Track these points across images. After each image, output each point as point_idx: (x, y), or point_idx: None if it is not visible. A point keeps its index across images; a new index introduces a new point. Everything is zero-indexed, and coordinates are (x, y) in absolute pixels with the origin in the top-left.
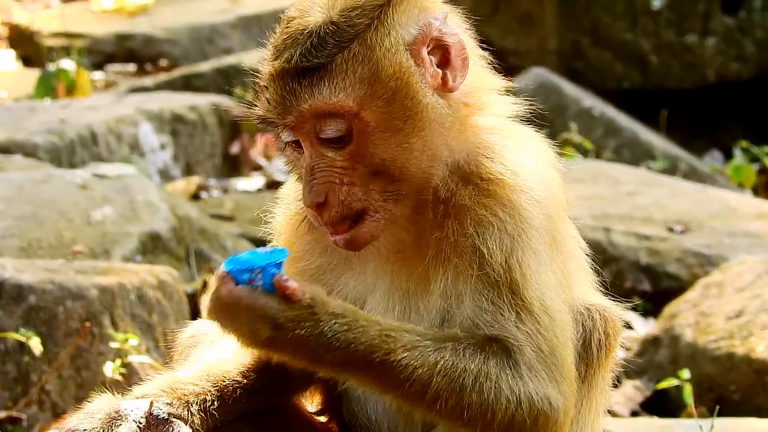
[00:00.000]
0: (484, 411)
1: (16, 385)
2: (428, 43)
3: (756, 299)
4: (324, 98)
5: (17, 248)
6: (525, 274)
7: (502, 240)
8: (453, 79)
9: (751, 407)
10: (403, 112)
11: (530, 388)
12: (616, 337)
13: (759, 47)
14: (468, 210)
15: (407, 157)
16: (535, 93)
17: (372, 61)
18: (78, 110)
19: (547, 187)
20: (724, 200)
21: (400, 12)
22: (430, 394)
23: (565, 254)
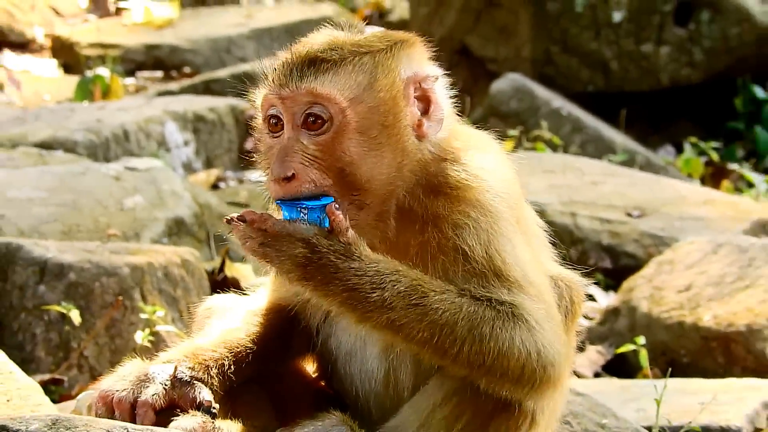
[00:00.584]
0: (501, 359)
1: (58, 351)
2: (415, 89)
3: (703, 275)
4: (323, 85)
5: (59, 232)
6: (504, 259)
7: (479, 236)
8: (427, 128)
9: (699, 369)
10: (381, 124)
11: (539, 340)
12: (580, 303)
13: (707, 55)
14: (444, 217)
15: (372, 166)
16: (511, 95)
17: (372, 73)
18: (112, 111)
19: (505, 182)
20: (676, 189)
21: (407, 54)
22: (453, 339)
23: (528, 234)
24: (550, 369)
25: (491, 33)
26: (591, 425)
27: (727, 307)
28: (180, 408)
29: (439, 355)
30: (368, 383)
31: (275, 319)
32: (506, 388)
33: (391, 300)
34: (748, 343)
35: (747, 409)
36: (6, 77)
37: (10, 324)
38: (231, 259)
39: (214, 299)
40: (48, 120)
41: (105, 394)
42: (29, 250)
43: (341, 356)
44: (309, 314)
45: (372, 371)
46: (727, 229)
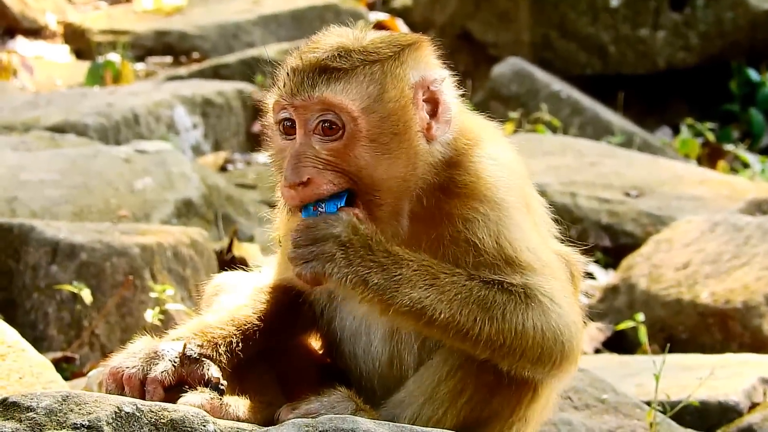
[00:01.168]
0: (518, 339)
1: (70, 330)
2: (424, 92)
3: (700, 253)
4: (335, 94)
5: (71, 213)
6: (515, 247)
7: (488, 228)
8: (436, 129)
9: (697, 345)
10: (392, 132)
11: (554, 318)
12: (579, 279)
13: (702, 39)
14: (456, 214)
15: (385, 170)
16: (512, 79)
17: (383, 84)
18: (123, 96)
19: (512, 171)
20: (673, 169)
21: (414, 58)
22: (474, 319)
23: (535, 216)
24: (568, 345)
25: (492, 18)
26: (591, 400)
27: (724, 284)
28: (188, 385)
29: (460, 337)
30: (372, 364)
31: (282, 297)
32: (527, 368)
33: (410, 277)
34: (744, 319)
35: (744, 384)
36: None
37: (23, 303)
38: (239, 239)
39: (221, 277)
40: (60, 104)
41: (115, 371)
42: (41, 231)
43: (346, 338)
44: (314, 296)
45: (376, 353)
46: (723, 208)
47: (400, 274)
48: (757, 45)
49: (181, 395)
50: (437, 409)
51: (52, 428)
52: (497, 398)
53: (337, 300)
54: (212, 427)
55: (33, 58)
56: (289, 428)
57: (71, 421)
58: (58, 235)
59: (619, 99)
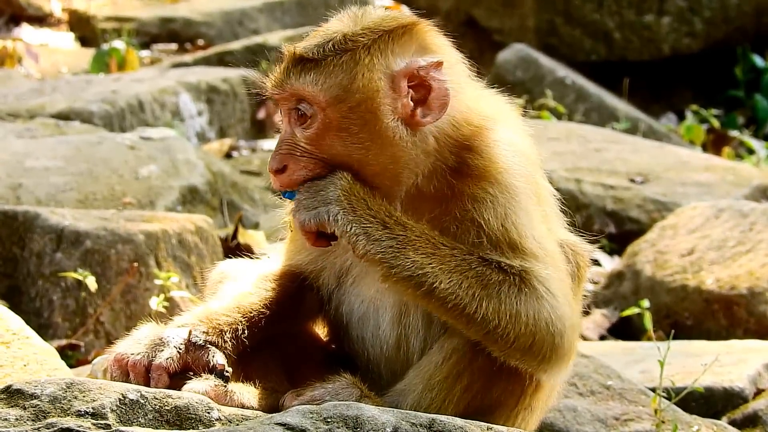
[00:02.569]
0: (511, 322)
1: (75, 317)
2: (411, 78)
3: (705, 239)
4: (304, 85)
5: (75, 200)
6: (520, 231)
7: (496, 210)
8: (423, 116)
9: (702, 331)
10: (362, 122)
11: (548, 309)
12: (585, 268)
13: (707, 25)
14: (467, 194)
15: (360, 158)
16: (517, 65)
17: (351, 72)
18: (127, 83)
19: (524, 157)
20: (678, 155)
21: (397, 43)
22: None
23: (544, 204)
24: (558, 339)
25: (496, 5)
26: (596, 386)
27: (729, 270)
28: (193, 371)
29: (458, 312)
30: (380, 348)
31: (287, 284)
32: (517, 357)
33: (413, 240)
34: (749, 305)
35: (749, 370)
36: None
37: (27, 290)
38: (244, 226)
39: (226, 264)
40: (65, 91)
41: (120, 358)
42: (46, 218)
43: (354, 322)
44: (322, 281)
45: (384, 336)
46: (728, 194)
47: (405, 235)
48: (762, 31)
49: (185, 382)
50: (436, 397)
51: (56, 415)
52: (498, 387)
53: (345, 284)
54: (216, 414)
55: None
56: (294, 415)
57: (75, 408)
58: (62, 223)
59: (624, 85)
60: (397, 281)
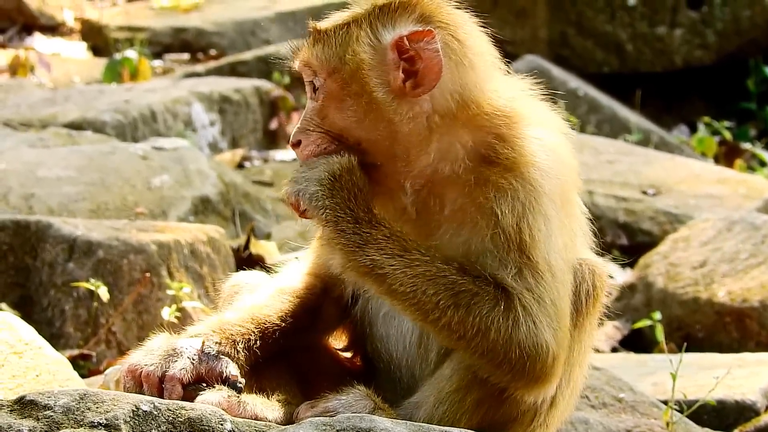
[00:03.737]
0: (480, 336)
1: (87, 327)
2: (400, 49)
3: (717, 252)
4: (311, 56)
5: (88, 210)
6: (534, 236)
7: (514, 206)
8: (412, 87)
9: (714, 344)
10: (355, 93)
11: (523, 331)
12: (603, 288)
13: (719, 37)
14: (491, 182)
15: (360, 132)
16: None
17: (344, 45)
18: (140, 92)
19: (558, 159)
20: (690, 167)
21: (390, 16)
22: (437, 302)
23: (572, 218)
24: (531, 364)
25: (509, 15)
26: (608, 399)
27: (741, 283)
28: (207, 382)
29: (422, 316)
30: (402, 345)
31: (304, 296)
32: (489, 370)
33: (378, 240)
34: (761, 318)
35: (761, 383)
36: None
37: (39, 300)
38: (256, 236)
39: (239, 276)
40: (77, 101)
41: (133, 368)
42: (59, 228)
43: (379, 319)
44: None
45: (407, 333)
46: (740, 206)
47: (369, 233)
48: None
49: (199, 393)
50: (448, 410)
51: (70, 426)
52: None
53: None
54: (230, 426)
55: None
56: (307, 427)
57: (89, 419)
58: (75, 232)
59: (636, 97)
60: (354, 274)
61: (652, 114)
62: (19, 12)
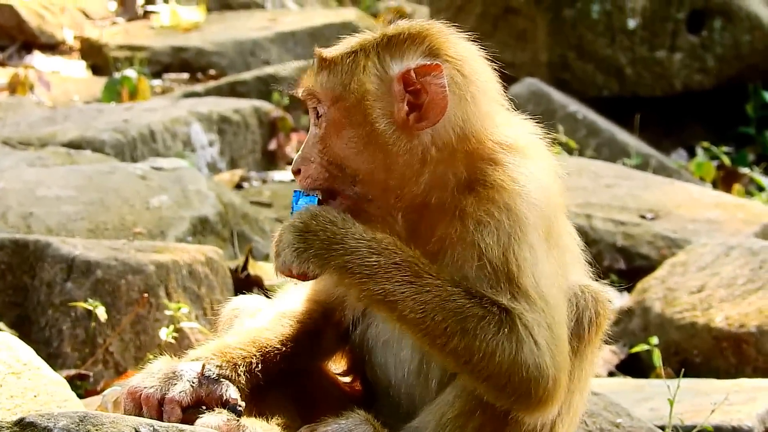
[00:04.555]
0: (486, 360)
1: (85, 347)
2: (407, 82)
3: (715, 276)
4: (315, 84)
5: (86, 230)
6: (520, 265)
7: (499, 237)
8: (416, 120)
9: (711, 369)
10: (357, 123)
11: (526, 353)
12: (605, 316)
13: (718, 62)
14: (471, 214)
15: (358, 163)
16: (528, 99)
17: (351, 74)
18: (139, 112)
19: (544, 192)
20: (689, 192)
21: (399, 47)
22: (444, 328)
23: (561, 248)
24: (534, 384)
25: (509, 39)
26: (606, 424)
27: (739, 308)
28: (207, 405)
29: (429, 341)
30: (401, 372)
31: (304, 321)
32: (493, 394)
33: (388, 268)
34: (759, 343)
35: (759, 409)
36: (36, 78)
37: (37, 320)
38: (254, 257)
39: (239, 300)
40: (77, 120)
41: (133, 391)
42: (57, 248)
43: (378, 346)
44: (349, 305)
45: (406, 360)
46: (738, 231)
47: (376, 262)
48: None
49: (199, 416)
50: None
51: None
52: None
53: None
54: None
55: (50, 74)
56: None
57: None
58: (73, 252)
59: (635, 121)
60: (369, 303)
61: (651, 138)
62: (19, 30)
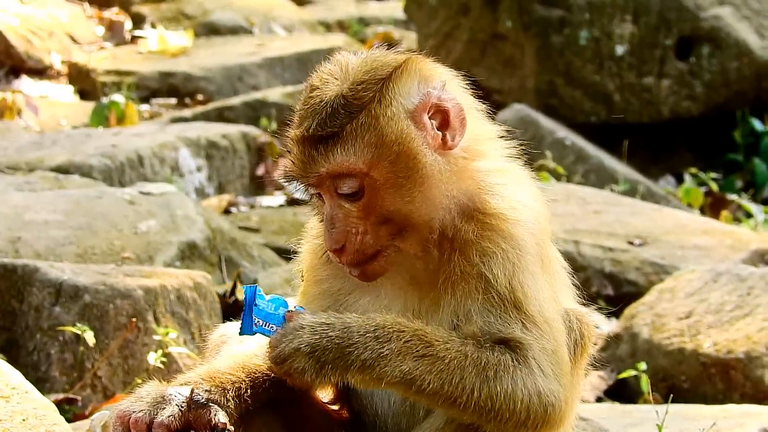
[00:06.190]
0: (506, 402)
1: (73, 371)
2: (429, 110)
3: (703, 303)
4: (338, 162)
5: (74, 254)
6: (526, 292)
7: (505, 266)
8: (452, 138)
9: (699, 395)
10: (406, 171)
11: (540, 383)
12: (590, 338)
13: (706, 88)
14: (473, 243)
15: (410, 208)
16: (516, 125)
17: (377, 129)
18: (127, 137)
19: (537, 220)
20: (677, 218)
21: (402, 84)
22: (463, 387)
23: (551, 273)
24: (551, 410)
25: (497, 65)
26: None
27: (727, 334)
28: (195, 430)
29: (449, 403)
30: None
31: None
32: (510, 430)
33: (399, 350)
34: (746, 369)
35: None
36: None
37: (25, 344)
38: (242, 282)
39: (227, 326)
40: (64, 145)
41: (122, 414)
42: (45, 272)
43: None
44: None
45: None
46: (726, 258)
47: (388, 350)
48: (762, 95)
49: None
50: None
51: None
52: None
53: None
54: None
55: (38, 98)
56: None
57: None
58: (61, 277)
59: (623, 147)
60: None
61: (639, 164)
62: (6, 55)
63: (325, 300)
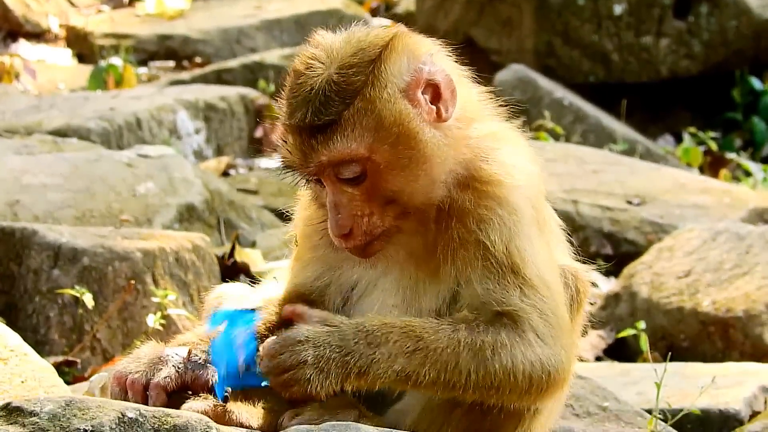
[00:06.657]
0: (507, 377)
1: (72, 334)
2: (421, 85)
3: (702, 261)
4: (339, 150)
5: (73, 217)
6: (523, 256)
7: (502, 232)
8: (445, 110)
9: (698, 353)
10: (407, 151)
11: (539, 351)
12: (586, 293)
13: (705, 47)
14: (469, 212)
15: (414, 186)
16: (515, 86)
17: (375, 113)
18: (125, 100)
19: (532, 182)
20: (675, 177)
21: (392, 64)
22: (460, 372)
23: (547, 234)
24: (554, 373)
25: (495, 25)
26: (593, 408)
27: (726, 293)
28: (193, 390)
29: (449, 389)
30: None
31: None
32: (514, 400)
33: (390, 350)
34: (745, 328)
35: (745, 392)
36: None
37: (24, 307)
38: (240, 244)
39: (223, 287)
40: (62, 108)
41: (119, 375)
42: (44, 235)
43: None
44: (327, 298)
45: None
46: (725, 216)
47: (381, 354)
48: (761, 54)
49: (185, 401)
50: (435, 419)
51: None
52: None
53: (351, 300)
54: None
55: (35, 62)
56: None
57: (74, 426)
58: (60, 240)
59: (622, 107)
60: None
61: (638, 124)
62: (4, 19)
63: (320, 266)
